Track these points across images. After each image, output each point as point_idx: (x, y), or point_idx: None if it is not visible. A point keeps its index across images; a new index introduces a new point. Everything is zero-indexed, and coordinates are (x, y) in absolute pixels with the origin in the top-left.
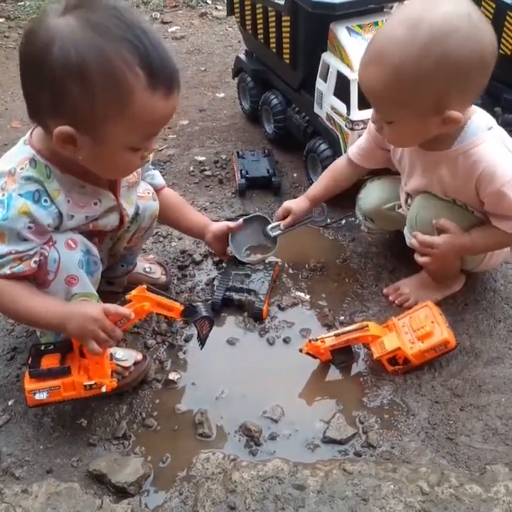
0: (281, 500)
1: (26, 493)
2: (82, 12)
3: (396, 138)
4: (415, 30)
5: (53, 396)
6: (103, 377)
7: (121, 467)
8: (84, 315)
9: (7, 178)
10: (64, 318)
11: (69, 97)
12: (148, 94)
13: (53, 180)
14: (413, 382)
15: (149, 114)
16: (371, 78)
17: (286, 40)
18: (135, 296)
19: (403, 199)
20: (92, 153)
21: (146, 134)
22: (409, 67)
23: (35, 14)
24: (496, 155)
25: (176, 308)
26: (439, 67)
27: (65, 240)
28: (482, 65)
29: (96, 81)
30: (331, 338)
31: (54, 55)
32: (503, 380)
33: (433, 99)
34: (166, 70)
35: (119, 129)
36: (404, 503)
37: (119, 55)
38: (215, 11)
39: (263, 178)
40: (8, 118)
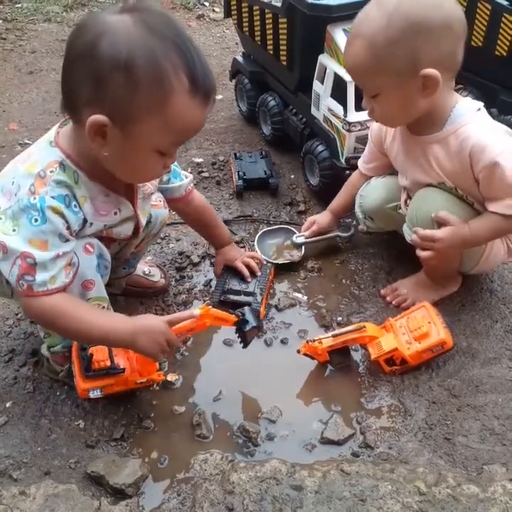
0: (279, 501)
1: (24, 494)
2: (138, 14)
3: (385, 113)
4: (382, 3)
5: (107, 391)
6: (152, 373)
7: (119, 469)
8: (153, 332)
9: (35, 180)
10: (133, 334)
11: (111, 87)
12: (188, 99)
13: (81, 187)
14: (410, 383)
15: (185, 119)
16: (350, 55)
17: (283, 42)
18: (201, 315)
19: (403, 200)
20: (119, 149)
21: (176, 140)
22: (380, 36)
23: (32, 16)
24: (485, 130)
25: (230, 320)
26: (403, 31)
27: (84, 244)
28: (449, 26)
29: (141, 76)
30: (329, 339)
31: (104, 45)
32: (500, 380)
33: (405, 59)
34: (207, 81)
35: (153, 127)
36: (401, 504)
37: (167, 57)
38: (212, 13)
39: (260, 179)
40: (5, 120)
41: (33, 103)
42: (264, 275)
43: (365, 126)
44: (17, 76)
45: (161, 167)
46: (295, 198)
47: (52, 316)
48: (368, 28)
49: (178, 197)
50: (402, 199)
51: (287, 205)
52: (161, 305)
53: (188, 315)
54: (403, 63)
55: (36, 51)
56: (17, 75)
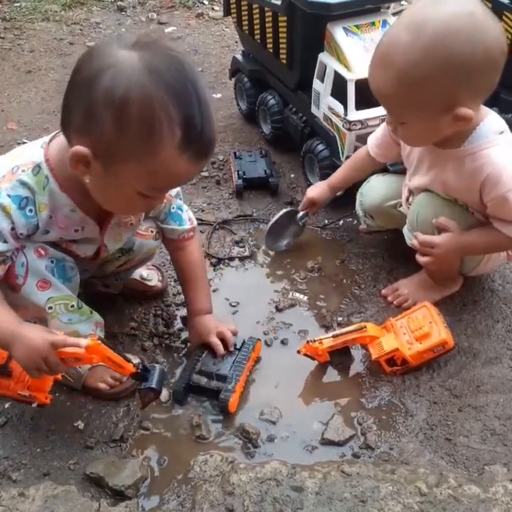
0: (280, 503)
1: (23, 496)
2: (148, 53)
3: (410, 138)
4: (418, 33)
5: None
6: (40, 391)
7: (118, 470)
8: (30, 345)
9: (7, 174)
10: (11, 340)
11: (100, 123)
12: (176, 153)
13: (46, 194)
14: (411, 383)
15: (169, 172)
16: (378, 82)
17: (283, 40)
18: (88, 347)
19: (404, 197)
20: (101, 181)
21: (160, 187)
22: (413, 70)
23: (31, 15)
24: (504, 160)
25: (126, 369)
26: (442, 69)
27: (35, 246)
28: (488, 63)
29: (131, 120)
30: (329, 340)
31: (104, 80)
32: (501, 380)
33: (440, 99)
34: (203, 139)
35: (135, 172)
36: (402, 505)
37: (163, 107)
38: (212, 12)
39: (260, 178)
40: (3, 119)
41: (32, 102)
42: (246, 352)
43: (365, 125)
44: (15, 75)
45: (144, 206)
46: (295, 198)
47: None
48: (400, 59)
49: (170, 238)
50: (404, 197)
51: (287, 204)
52: (161, 305)
53: (75, 343)
54: (437, 102)
55: (35, 50)
56: (15, 74)
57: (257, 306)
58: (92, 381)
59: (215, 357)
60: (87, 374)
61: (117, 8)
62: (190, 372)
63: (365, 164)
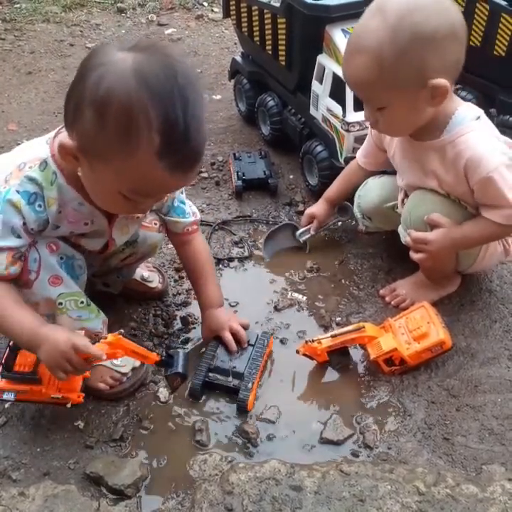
0: (279, 502)
1: (23, 495)
2: (142, 55)
3: (391, 125)
4: (383, 15)
5: (20, 396)
6: (71, 391)
7: (118, 469)
8: (53, 346)
9: (14, 171)
10: (36, 341)
11: (83, 120)
12: (153, 161)
13: (54, 189)
14: (409, 383)
15: (146, 178)
16: (355, 68)
17: (282, 42)
18: (110, 343)
19: (400, 198)
20: (88, 176)
21: (140, 193)
22: (386, 49)
23: (31, 16)
24: (482, 143)
25: (150, 358)
26: (411, 43)
27: (47, 242)
28: (452, 34)
29: (110, 120)
30: (328, 340)
31: (93, 76)
32: (498, 380)
33: (413, 72)
34: (185, 149)
35: (113, 172)
36: (401, 504)
37: (144, 112)
38: (211, 13)
39: (259, 179)
40: (4, 120)
41: (32, 103)
42: (261, 348)
43: (363, 127)
44: (16, 76)
45: (130, 208)
46: (294, 198)
47: None
48: (371, 42)
49: (175, 232)
50: (400, 198)
51: (286, 205)
52: (160, 305)
53: (97, 354)
54: (412, 76)
55: (35, 51)
56: (16, 75)
57: (256, 306)
58: (92, 381)
59: (230, 352)
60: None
61: (117, 10)
62: (206, 369)
63: (358, 176)
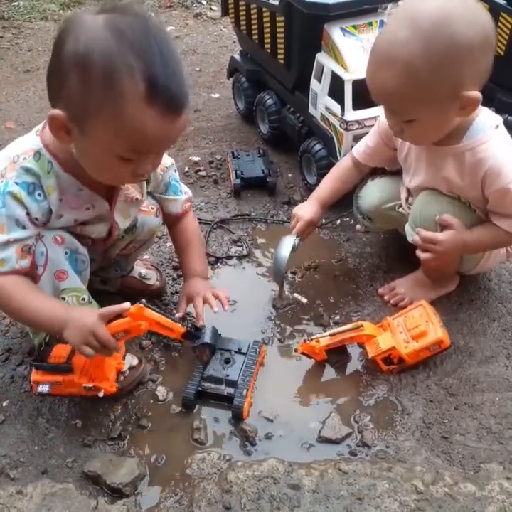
0: (277, 500)
1: (21, 494)
2: (112, 15)
3: (418, 136)
4: (415, 26)
5: (54, 390)
6: (103, 381)
7: (116, 468)
8: (79, 323)
9: (8, 164)
10: (60, 322)
11: (67, 85)
12: (143, 106)
13: (52, 177)
14: (408, 382)
15: (138, 128)
16: (384, 83)
17: (281, 40)
18: (133, 314)
19: (404, 197)
20: (82, 147)
21: (134, 148)
22: (418, 63)
23: (29, 14)
24: (504, 153)
25: (176, 330)
26: (446, 55)
27: (53, 235)
28: (486, 43)
29: (94, 77)
30: (326, 338)
31: (68, 43)
32: (497, 378)
33: (448, 86)
34: (171, 90)
35: (106, 129)
36: (399, 502)
37: (124, 60)
38: (210, 12)
39: (258, 178)
40: (2, 118)
41: (30, 101)
42: (253, 356)
43: (362, 125)
44: (14, 74)
45: (127, 172)
46: (293, 197)
47: (4, 299)
48: (402, 53)
49: (173, 212)
50: (403, 197)
51: (285, 203)
52: (158, 304)
53: (119, 307)
54: (445, 89)
55: (33, 49)
56: (14, 73)
57: (255, 305)
58: None
59: (224, 361)
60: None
61: None
62: (199, 378)
63: (353, 176)
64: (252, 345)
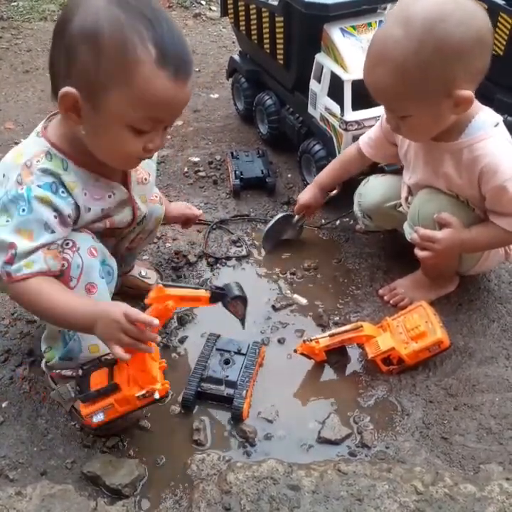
0: (276, 501)
1: (20, 495)
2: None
3: (414, 132)
4: (409, 25)
5: (110, 414)
6: (153, 383)
7: (115, 469)
8: (107, 317)
9: (22, 170)
10: (91, 319)
11: (78, 59)
12: (155, 69)
13: (70, 173)
14: (407, 382)
15: (152, 91)
16: (378, 79)
17: (280, 40)
18: (155, 298)
19: (404, 197)
20: (93, 126)
21: (149, 115)
22: (411, 60)
23: (28, 15)
24: (501, 151)
25: (202, 297)
26: (438, 54)
27: (88, 247)
28: (480, 44)
29: (105, 46)
30: (326, 339)
31: (75, 20)
32: (496, 379)
33: (439, 84)
34: (179, 55)
35: (120, 99)
36: (398, 503)
37: (133, 28)
38: (209, 12)
39: (257, 178)
40: (1, 119)
41: (29, 102)
42: (253, 356)
43: (362, 126)
44: (13, 75)
45: (139, 147)
46: (292, 198)
47: (28, 298)
48: (395, 52)
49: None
50: (403, 196)
51: (284, 204)
52: None
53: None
54: (437, 86)
55: (32, 50)
56: (13, 73)
57: (254, 306)
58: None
59: (223, 362)
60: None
61: None
62: (199, 379)
63: (354, 163)
64: (251, 345)
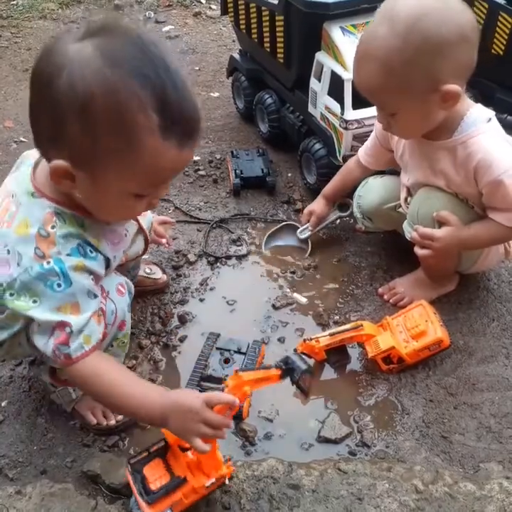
0: (276, 500)
1: (20, 494)
2: (100, 39)
3: (404, 129)
4: (392, 22)
5: (178, 509)
6: (219, 467)
7: (115, 468)
8: (183, 410)
9: (39, 242)
10: (163, 414)
11: (68, 130)
12: (159, 141)
13: (88, 228)
14: (407, 381)
15: (157, 164)
16: (364, 76)
17: (280, 39)
18: (234, 386)
19: (403, 197)
20: (91, 192)
21: (153, 183)
22: (395, 57)
23: (28, 13)
24: (494, 145)
25: (273, 376)
26: (421, 49)
27: (116, 286)
28: (462, 38)
29: (99, 118)
30: (326, 338)
31: (60, 83)
32: (496, 378)
33: (426, 79)
34: (185, 118)
35: (120, 173)
36: (398, 502)
37: (130, 92)
38: (209, 11)
39: (257, 177)
40: (0, 118)
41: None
42: (253, 355)
43: (362, 124)
44: (12, 73)
45: (143, 207)
46: (292, 196)
47: (86, 380)
48: (380, 49)
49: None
50: (402, 197)
51: (284, 203)
52: (157, 303)
53: (232, 399)
54: (422, 82)
55: (32, 48)
56: (12, 72)
57: (254, 305)
58: (82, 407)
59: (223, 361)
60: (79, 399)
61: (114, 7)
62: (199, 379)
63: (355, 174)
64: (251, 345)
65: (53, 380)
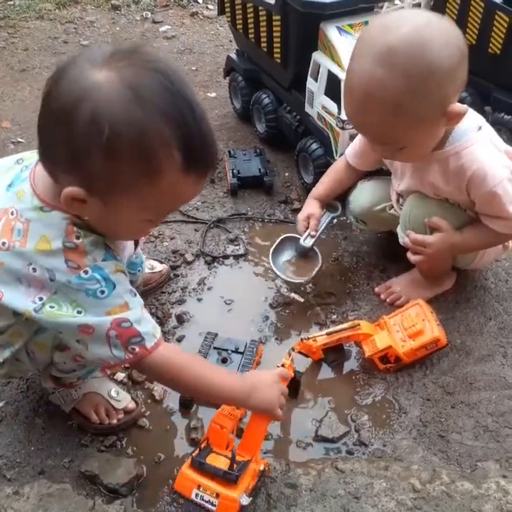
0: (274, 499)
1: (18, 494)
2: (126, 69)
3: (412, 156)
4: (391, 62)
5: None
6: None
7: (113, 468)
8: (267, 385)
9: (67, 255)
10: (248, 392)
11: (89, 161)
12: (181, 177)
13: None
14: (405, 380)
15: (175, 196)
16: (373, 125)
17: (277, 39)
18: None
19: (394, 199)
20: (101, 215)
21: (168, 211)
22: (403, 96)
23: (25, 13)
24: (487, 157)
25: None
26: (427, 84)
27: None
28: (463, 57)
29: (124, 154)
30: (323, 337)
31: (83, 116)
32: (493, 377)
33: (434, 108)
34: (205, 154)
35: (137, 204)
36: (396, 501)
37: (157, 134)
38: (206, 11)
39: (255, 177)
40: None
41: (26, 101)
42: (250, 355)
43: None
44: (9, 74)
45: (152, 227)
46: (289, 196)
47: (175, 370)
48: (385, 92)
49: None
50: (394, 198)
51: (282, 203)
52: (155, 304)
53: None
54: (434, 111)
55: (29, 49)
56: (9, 72)
57: (252, 304)
58: (84, 407)
59: (221, 361)
60: (81, 399)
61: (111, 7)
62: None
63: (348, 176)
64: (249, 344)
65: (56, 386)
